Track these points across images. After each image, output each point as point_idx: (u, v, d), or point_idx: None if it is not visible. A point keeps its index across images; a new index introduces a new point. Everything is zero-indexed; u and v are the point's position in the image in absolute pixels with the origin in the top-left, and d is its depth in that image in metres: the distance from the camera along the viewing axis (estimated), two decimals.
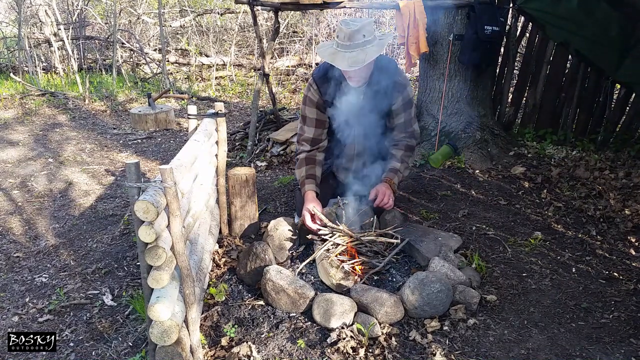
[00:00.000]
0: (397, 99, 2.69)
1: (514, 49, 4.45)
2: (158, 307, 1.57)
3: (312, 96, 2.75)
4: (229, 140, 4.82)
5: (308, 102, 2.77)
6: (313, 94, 2.74)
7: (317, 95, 2.73)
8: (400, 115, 2.75)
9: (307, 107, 2.78)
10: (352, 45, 2.39)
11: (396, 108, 2.72)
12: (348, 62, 2.39)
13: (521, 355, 1.97)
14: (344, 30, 2.39)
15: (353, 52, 2.39)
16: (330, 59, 2.44)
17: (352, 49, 2.39)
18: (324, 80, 2.69)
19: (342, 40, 2.41)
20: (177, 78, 8.24)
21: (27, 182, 3.99)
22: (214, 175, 2.72)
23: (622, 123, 4.30)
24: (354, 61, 2.38)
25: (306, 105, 2.78)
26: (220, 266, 2.55)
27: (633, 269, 2.57)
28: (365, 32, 2.39)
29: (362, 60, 2.37)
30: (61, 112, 6.29)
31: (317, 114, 2.77)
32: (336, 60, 2.43)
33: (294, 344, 1.99)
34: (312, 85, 2.75)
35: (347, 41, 2.39)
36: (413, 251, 2.60)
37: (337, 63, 2.43)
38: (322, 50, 2.54)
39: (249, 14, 5.18)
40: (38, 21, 8.71)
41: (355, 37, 2.38)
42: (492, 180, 3.75)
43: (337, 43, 2.45)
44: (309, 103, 2.77)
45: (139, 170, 1.53)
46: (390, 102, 2.70)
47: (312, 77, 2.77)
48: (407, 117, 2.76)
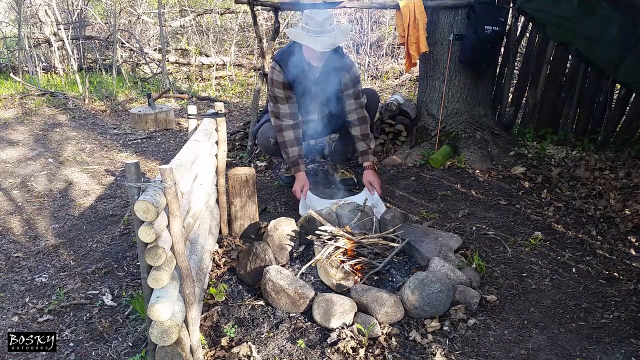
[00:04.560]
0: (345, 76, 3.21)
1: (514, 49, 4.45)
2: (158, 307, 1.57)
3: (277, 77, 3.15)
4: (229, 140, 4.82)
5: (275, 84, 3.17)
6: (278, 75, 3.14)
7: (282, 75, 3.12)
8: (349, 89, 3.25)
9: (276, 88, 3.17)
10: (323, 31, 2.89)
11: (345, 82, 3.23)
12: (321, 44, 2.88)
13: (521, 355, 1.97)
14: (315, 19, 2.89)
15: (324, 37, 2.89)
16: (306, 42, 2.91)
17: (323, 34, 2.89)
18: (285, 62, 3.11)
19: (313, 27, 2.90)
20: (177, 78, 8.24)
21: (27, 182, 3.98)
22: (214, 175, 2.72)
23: (622, 123, 4.29)
24: (327, 44, 2.89)
25: (274, 87, 3.18)
26: (220, 266, 2.55)
27: (633, 269, 2.57)
28: (331, 21, 2.95)
29: (333, 43, 2.91)
30: (61, 112, 6.28)
31: (284, 93, 3.17)
32: (310, 42, 2.89)
33: (294, 344, 1.99)
34: (275, 68, 3.15)
35: (319, 27, 2.89)
36: (413, 251, 2.60)
37: (312, 45, 2.89)
38: (293, 35, 2.98)
39: (249, 14, 5.18)
40: (38, 21, 8.71)
41: (324, 24, 2.89)
42: (492, 180, 3.75)
43: (307, 29, 2.92)
44: (277, 84, 3.16)
45: (138, 170, 1.53)
46: (340, 78, 3.21)
47: (274, 61, 3.19)
48: (356, 90, 3.27)
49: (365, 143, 3.32)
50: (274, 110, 3.25)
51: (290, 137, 3.22)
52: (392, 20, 8.22)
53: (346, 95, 3.28)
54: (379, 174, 3.67)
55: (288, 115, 3.21)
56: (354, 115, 3.29)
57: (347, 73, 3.21)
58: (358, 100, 3.29)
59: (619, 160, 3.91)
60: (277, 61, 3.16)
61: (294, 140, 3.23)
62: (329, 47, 2.90)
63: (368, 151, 3.32)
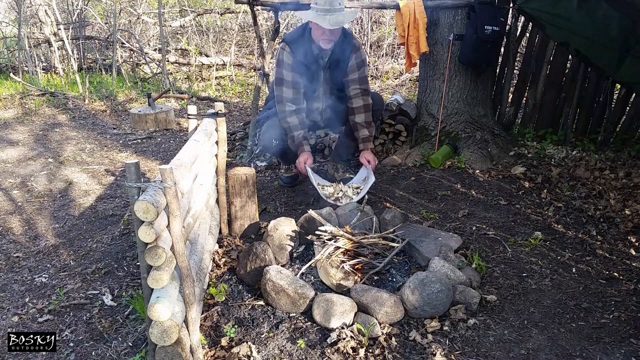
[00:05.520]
0: (351, 58, 3.19)
1: (514, 49, 4.45)
2: (158, 307, 1.57)
3: (286, 59, 3.12)
4: (229, 140, 4.82)
5: (284, 65, 3.12)
6: (287, 56, 3.11)
7: (291, 57, 3.10)
8: (354, 72, 3.23)
9: (284, 69, 3.12)
10: (332, 10, 2.91)
11: (351, 65, 3.20)
12: (330, 22, 2.89)
13: (521, 355, 1.97)
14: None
15: (333, 15, 2.90)
16: (315, 20, 2.92)
17: (332, 12, 2.91)
18: (295, 44, 3.10)
19: (322, 5, 2.91)
20: (177, 78, 8.24)
21: (27, 182, 3.98)
22: (214, 175, 2.72)
23: (622, 123, 4.29)
24: (336, 22, 2.90)
25: (282, 68, 3.13)
26: (220, 266, 2.55)
27: (633, 269, 2.57)
28: (340, 1, 2.96)
29: (342, 21, 2.93)
30: (61, 112, 6.28)
31: (292, 76, 3.13)
32: (320, 21, 2.90)
33: (294, 344, 1.99)
34: (284, 49, 3.12)
35: (328, 6, 2.90)
36: (413, 251, 2.60)
37: (320, 22, 2.90)
38: (303, 15, 3.02)
39: (249, 14, 5.18)
40: (38, 21, 8.70)
41: (333, 3, 2.91)
42: (492, 180, 3.75)
43: (317, 9, 2.93)
44: (285, 66, 3.12)
45: (138, 170, 1.53)
46: (347, 62, 3.19)
47: (284, 42, 3.14)
48: (361, 74, 3.25)
49: (368, 130, 3.30)
50: (278, 94, 3.20)
51: (295, 122, 3.18)
52: (392, 20, 8.23)
53: (351, 80, 3.24)
54: (379, 174, 3.69)
55: (292, 100, 3.17)
56: (359, 101, 3.26)
57: (354, 55, 3.19)
58: (363, 86, 3.26)
59: (619, 160, 3.91)
60: (288, 42, 3.12)
61: (298, 124, 3.19)
62: (337, 25, 2.91)
63: (370, 138, 3.32)
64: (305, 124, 3.26)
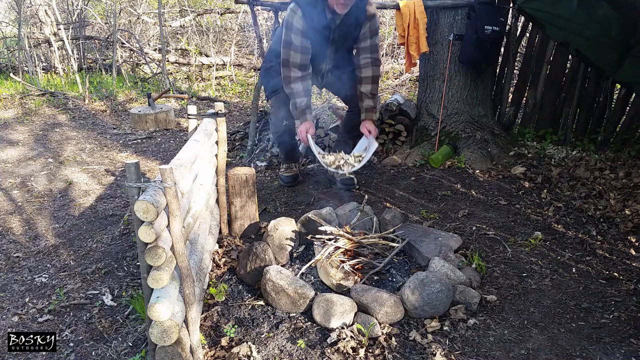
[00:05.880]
0: (365, 25, 3.08)
1: (514, 49, 4.45)
2: (158, 307, 1.57)
3: (297, 23, 2.97)
4: (229, 140, 4.82)
5: (295, 30, 2.98)
6: (298, 20, 2.96)
7: (302, 21, 2.95)
8: (366, 40, 3.14)
9: (294, 34, 2.98)
10: None
11: (363, 32, 3.11)
12: None
13: (521, 355, 1.97)
14: None
15: None
16: None
17: None
18: (307, 7, 2.95)
19: None
20: (177, 78, 8.24)
21: (27, 182, 3.98)
22: (214, 175, 2.72)
23: (622, 123, 4.29)
24: None
25: (292, 32, 2.98)
26: (220, 266, 2.55)
27: (633, 269, 2.57)
28: None
29: None
30: (61, 112, 6.28)
31: (302, 41, 3.00)
32: None
33: (294, 344, 1.99)
34: (295, 12, 2.96)
35: None
36: (413, 251, 2.60)
37: None
38: None
39: (249, 14, 5.18)
40: (38, 21, 8.70)
41: None
42: (492, 180, 3.75)
43: None
44: (296, 31, 2.98)
45: (138, 170, 1.53)
46: (360, 28, 3.09)
47: (296, 4, 2.97)
48: (373, 43, 3.16)
49: (373, 101, 3.26)
50: (285, 57, 3.08)
51: (299, 89, 3.10)
52: (392, 20, 8.22)
53: (362, 48, 3.16)
54: (378, 175, 3.70)
55: (298, 65, 3.06)
56: (368, 71, 3.20)
57: (369, 22, 3.09)
58: (374, 55, 3.18)
59: (619, 160, 3.91)
60: (300, 5, 2.97)
61: (302, 91, 3.11)
62: None
63: (373, 109, 3.27)
64: (309, 92, 3.17)
